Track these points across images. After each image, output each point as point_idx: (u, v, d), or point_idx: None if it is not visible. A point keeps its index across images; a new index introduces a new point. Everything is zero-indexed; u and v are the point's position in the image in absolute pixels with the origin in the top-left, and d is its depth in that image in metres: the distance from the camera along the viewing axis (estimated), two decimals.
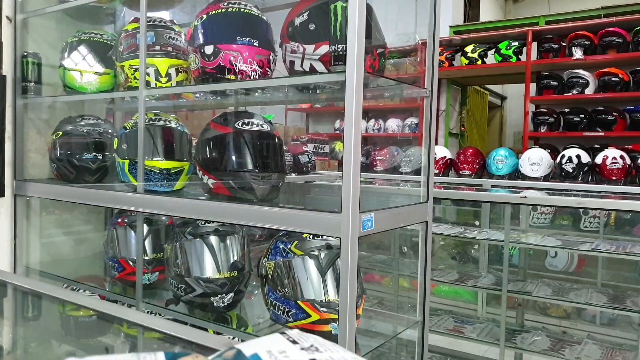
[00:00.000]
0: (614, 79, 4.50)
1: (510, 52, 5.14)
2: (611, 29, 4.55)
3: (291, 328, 1.39)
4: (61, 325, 1.39)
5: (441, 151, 4.28)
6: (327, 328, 1.48)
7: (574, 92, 4.66)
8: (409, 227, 1.67)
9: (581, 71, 4.64)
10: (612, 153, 3.77)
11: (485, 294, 3.74)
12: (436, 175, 4.07)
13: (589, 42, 4.64)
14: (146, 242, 2.03)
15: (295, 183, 3.33)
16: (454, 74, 6.01)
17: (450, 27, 6.31)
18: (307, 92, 1.76)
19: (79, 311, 1.27)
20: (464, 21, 7.20)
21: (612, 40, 4.53)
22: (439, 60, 3.27)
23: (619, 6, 5.29)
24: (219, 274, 1.74)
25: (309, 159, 4.01)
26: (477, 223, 3.93)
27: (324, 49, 1.47)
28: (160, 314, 1.83)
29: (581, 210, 3.80)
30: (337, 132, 6.54)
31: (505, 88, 8.51)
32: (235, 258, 1.78)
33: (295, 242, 1.58)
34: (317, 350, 0.48)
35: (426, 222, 1.70)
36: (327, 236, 1.45)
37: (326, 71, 1.48)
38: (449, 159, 4.25)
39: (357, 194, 1.29)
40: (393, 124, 6.20)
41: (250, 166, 1.64)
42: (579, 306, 3.33)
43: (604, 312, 3.42)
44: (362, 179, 1.31)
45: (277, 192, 1.69)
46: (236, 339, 1.60)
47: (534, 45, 5.09)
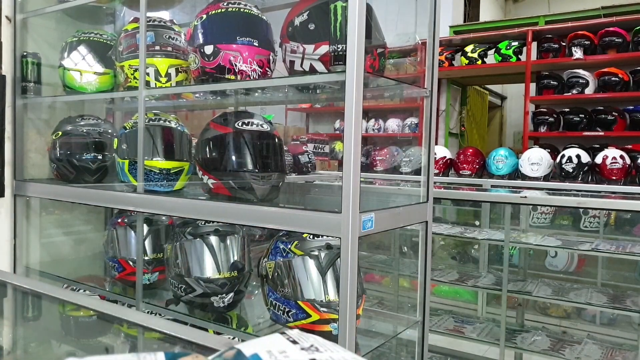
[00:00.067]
0: (613, 78, 4.50)
1: (510, 52, 5.14)
2: (611, 28, 4.55)
3: (291, 328, 1.39)
4: (61, 325, 1.39)
5: (441, 151, 4.28)
6: (327, 328, 1.48)
7: (574, 92, 4.66)
8: (409, 227, 1.67)
9: (581, 71, 4.64)
10: (612, 153, 3.77)
11: (485, 294, 3.74)
12: (436, 175, 4.07)
13: (589, 42, 4.64)
14: (146, 242, 2.03)
15: (295, 183, 3.33)
16: (454, 74, 6.01)
17: (450, 27, 6.31)
18: (307, 92, 1.76)
19: (79, 311, 1.27)
20: (464, 21, 7.20)
21: (612, 40, 4.53)
22: (439, 60, 3.27)
23: (619, 6, 5.29)
24: (219, 274, 1.74)
25: (309, 159, 4.01)
26: (477, 223, 3.93)
27: (324, 48, 1.47)
28: (160, 314, 1.83)
29: (581, 210, 3.80)
30: (337, 132, 6.54)
31: (505, 88, 8.52)
32: (235, 258, 1.78)
33: (295, 242, 1.58)
34: (317, 350, 0.48)
35: (426, 222, 1.70)
36: (327, 236, 1.45)
37: (326, 71, 1.48)
38: (449, 159, 4.25)
39: (357, 194, 1.29)
40: (393, 124, 6.20)
41: (250, 166, 1.64)
42: (579, 306, 3.33)
43: (604, 312, 3.42)
44: (362, 179, 1.31)
45: (277, 192, 1.69)
46: (236, 339, 1.60)
47: (534, 45, 5.09)
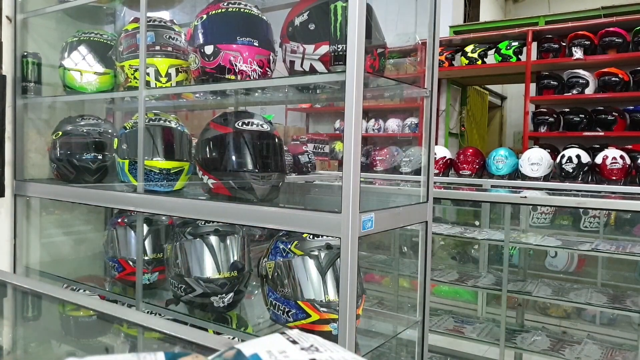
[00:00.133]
0: (614, 79, 4.50)
1: (510, 52, 5.14)
2: (611, 29, 4.54)
3: (291, 328, 1.40)
4: (61, 325, 1.39)
5: (441, 151, 4.28)
6: (327, 328, 1.48)
7: (574, 92, 4.66)
8: (409, 227, 1.67)
9: (581, 71, 4.64)
10: (612, 153, 3.77)
11: (485, 294, 3.74)
12: (436, 175, 4.07)
13: (589, 42, 4.64)
14: (146, 242, 2.03)
15: (295, 183, 3.33)
16: (454, 74, 6.01)
17: (450, 27, 6.31)
18: (307, 92, 1.76)
19: (79, 311, 1.27)
20: (464, 21, 7.20)
21: (612, 40, 4.53)
22: (439, 60, 3.27)
23: (619, 6, 5.29)
24: (219, 274, 1.74)
25: (309, 159, 4.01)
26: (477, 223, 3.93)
27: (324, 49, 1.47)
28: (160, 314, 1.83)
29: (581, 210, 3.80)
30: (337, 132, 6.54)
31: (505, 88, 8.51)
32: (235, 258, 1.78)
33: (295, 242, 1.58)
34: (317, 350, 0.48)
35: (426, 222, 1.70)
36: (327, 236, 1.45)
37: (326, 71, 1.48)
38: (449, 159, 4.25)
39: (357, 194, 1.29)
40: (393, 124, 6.20)
41: (250, 166, 1.64)
42: (579, 306, 3.33)
43: (604, 312, 3.42)
44: (362, 179, 1.31)
45: (277, 192, 1.69)
46: (236, 339, 1.60)
47: (534, 45, 5.09)
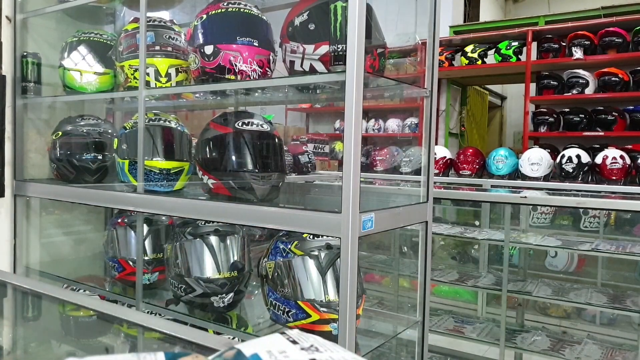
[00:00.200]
0: (613, 79, 4.50)
1: (510, 52, 5.14)
2: (611, 29, 4.55)
3: (291, 328, 1.39)
4: (61, 325, 1.39)
5: (441, 151, 4.28)
6: (327, 328, 1.48)
7: (574, 92, 4.66)
8: (409, 227, 1.67)
9: (581, 71, 4.64)
10: (612, 153, 3.77)
11: (485, 294, 3.74)
12: (436, 175, 4.07)
13: (589, 42, 4.64)
14: (146, 242, 2.03)
15: (295, 183, 3.33)
16: (454, 74, 6.01)
17: (450, 27, 6.31)
18: (307, 92, 1.76)
19: (79, 311, 1.27)
20: (464, 21, 7.20)
21: (612, 40, 4.53)
22: (439, 60, 3.27)
23: (619, 6, 5.29)
24: (219, 274, 1.74)
25: (309, 159, 4.01)
26: (477, 223, 3.93)
27: (324, 49, 1.47)
28: (160, 314, 1.83)
29: (581, 210, 3.80)
30: (337, 132, 6.54)
31: (505, 88, 8.52)
32: (235, 258, 1.78)
33: (295, 242, 1.58)
34: (317, 350, 0.48)
35: (426, 222, 1.70)
36: (327, 236, 1.45)
37: (326, 71, 1.48)
38: (449, 159, 4.25)
39: (357, 194, 1.29)
40: (393, 124, 6.20)
41: (250, 166, 1.64)
42: (579, 306, 3.33)
43: (604, 312, 3.42)
44: (362, 179, 1.31)
45: (277, 192, 1.69)
46: (236, 339, 1.60)
47: (534, 45, 5.09)
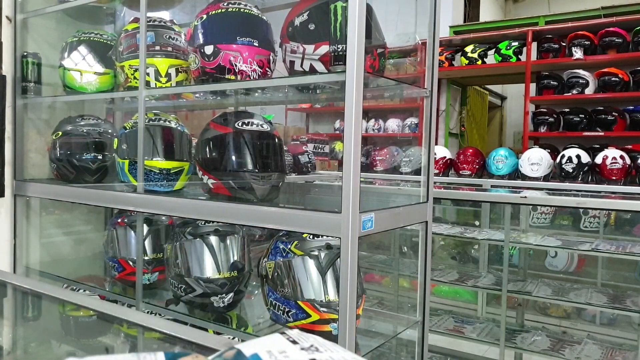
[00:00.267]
0: (613, 79, 4.50)
1: (510, 52, 5.14)
2: (611, 29, 4.54)
3: (291, 328, 1.39)
4: (61, 325, 1.39)
5: (441, 151, 4.28)
6: (327, 328, 1.48)
7: (574, 92, 4.66)
8: (409, 227, 1.67)
9: (581, 71, 4.64)
10: (612, 153, 3.77)
11: (485, 294, 3.74)
12: (436, 175, 4.07)
13: (589, 42, 4.64)
14: (146, 242, 2.03)
15: (295, 183, 3.33)
16: (454, 74, 6.01)
17: (450, 27, 6.31)
18: (307, 92, 1.76)
19: (79, 311, 1.27)
20: (464, 21, 7.20)
21: (612, 40, 4.53)
22: (439, 60, 3.27)
23: (619, 6, 5.29)
24: (219, 274, 1.74)
25: (309, 159, 4.01)
26: (477, 223, 3.93)
27: (324, 49, 1.47)
28: (160, 314, 1.83)
29: (581, 210, 3.80)
30: (337, 132, 6.54)
31: (505, 88, 8.51)
32: (235, 258, 1.78)
33: (295, 242, 1.58)
34: (317, 350, 0.48)
35: (426, 222, 1.70)
36: (327, 236, 1.45)
37: (326, 71, 1.48)
38: (449, 159, 4.25)
39: (357, 194, 1.29)
40: (393, 124, 6.20)
41: (250, 166, 1.64)
42: (579, 306, 3.33)
43: (604, 312, 3.42)
44: (362, 179, 1.31)
45: (277, 192, 1.69)
46: (236, 339, 1.60)
47: (534, 45, 5.09)
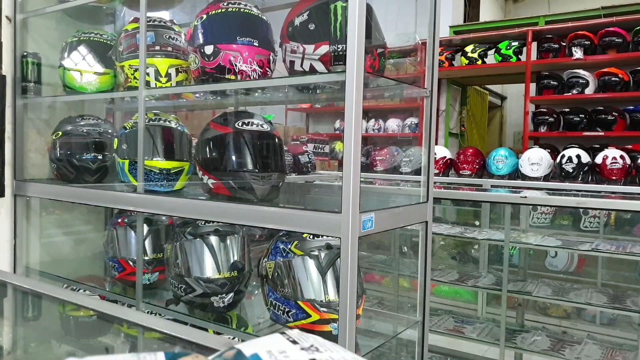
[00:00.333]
0: (614, 79, 4.50)
1: (510, 52, 5.14)
2: (611, 29, 4.54)
3: (291, 328, 1.40)
4: (61, 325, 1.39)
5: (441, 151, 4.28)
6: (327, 328, 1.48)
7: (574, 92, 4.66)
8: (409, 227, 1.67)
9: (581, 71, 4.64)
10: (612, 153, 3.77)
11: (485, 294, 3.74)
12: (436, 175, 4.07)
13: (589, 42, 4.64)
14: (146, 242, 2.03)
15: (295, 183, 3.33)
16: (454, 74, 6.01)
17: (450, 27, 6.31)
18: (307, 92, 1.76)
19: (79, 311, 1.27)
20: (464, 21, 7.20)
21: (612, 40, 4.53)
22: (439, 60, 3.27)
23: (619, 6, 5.29)
24: (219, 274, 1.74)
25: (309, 159, 4.01)
26: (477, 223, 3.93)
27: (324, 49, 1.47)
28: (160, 314, 1.83)
29: (581, 210, 3.80)
30: (337, 132, 6.53)
31: (505, 88, 8.51)
32: (235, 258, 1.78)
33: (295, 242, 1.58)
34: (317, 350, 0.48)
35: (426, 222, 1.70)
36: (327, 236, 1.45)
37: (326, 71, 1.48)
38: (449, 159, 4.25)
39: (357, 194, 1.29)
40: (393, 124, 6.20)
41: (250, 166, 1.64)
42: (579, 306, 3.33)
43: (604, 312, 3.42)
44: (362, 179, 1.31)
45: (277, 192, 1.69)
46: (236, 339, 1.60)
47: (534, 45, 5.09)
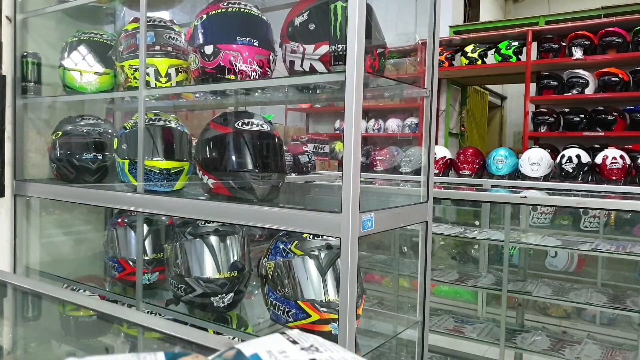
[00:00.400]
0: (613, 79, 4.50)
1: (510, 52, 5.14)
2: (611, 29, 4.54)
3: (291, 328, 1.39)
4: (61, 325, 1.39)
5: (441, 151, 4.28)
6: (327, 328, 1.48)
7: (574, 92, 4.66)
8: (409, 227, 1.67)
9: (581, 71, 4.64)
10: (612, 153, 3.77)
11: (485, 294, 3.74)
12: (436, 175, 4.07)
13: (589, 42, 4.64)
14: (146, 242, 2.03)
15: (295, 183, 3.33)
16: (454, 74, 6.01)
17: (450, 27, 6.31)
18: (307, 92, 1.76)
19: (79, 311, 1.27)
20: (464, 21, 7.20)
21: (612, 40, 4.53)
22: (439, 60, 3.27)
23: (619, 6, 5.29)
24: (219, 274, 1.74)
25: (309, 159, 4.01)
26: (477, 223, 3.93)
27: (324, 49, 1.47)
28: (160, 314, 1.83)
29: (581, 210, 3.80)
30: (337, 132, 6.53)
31: (505, 88, 8.51)
32: (235, 258, 1.78)
33: (295, 242, 1.58)
34: (317, 350, 0.48)
35: (426, 222, 1.70)
36: (327, 236, 1.45)
37: (326, 71, 1.48)
38: (449, 159, 4.25)
39: (357, 194, 1.29)
40: (393, 124, 6.20)
41: (250, 166, 1.64)
42: (579, 306, 3.33)
43: (604, 312, 3.42)
44: (362, 179, 1.31)
45: (277, 192, 1.69)
46: (236, 339, 1.60)
47: (534, 45, 5.09)
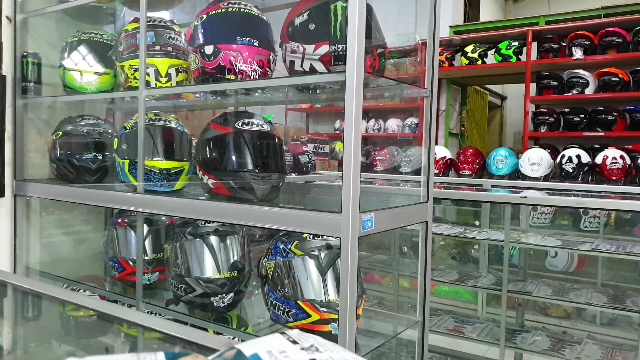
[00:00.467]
0: (614, 79, 4.50)
1: (510, 52, 5.14)
2: (611, 29, 4.54)
3: (291, 328, 1.40)
4: (61, 325, 1.39)
5: (441, 151, 4.28)
6: (327, 328, 1.48)
7: (574, 92, 4.66)
8: (409, 227, 1.67)
9: (581, 71, 4.64)
10: (612, 153, 3.77)
11: (485, 294, 3.74)
12: (436, 175, 4.07)
13: (589, 42, 4.64)
14: (146, 242, 2.03)
15: (295, 183, 3.33)
16: (454, 74, 6.01)
17: (450, 27, 6.31)
18: (307, 92, 1.76)
19: (79, 311, 1.27)
20: (464, 21, 7.20)
21: (612, 40, 4.53)
22: (439, 60, 3.27)
23: (619, 6, 5.29)
24: (219, 274, 1.74)
25: (309, 159, 4.01)
26: (477, 223, 3.93)
27: (324, 49, 1.47)
28: (160, 314, 1.83)
29: (581, 210, 3.80)
30: (337, 132, 6.54)
31: (505, 88, 8.51)
32: (235, 258, 1.78)
33: (295, 242, 1.58)
34: (317, 350, 0.48)
35: (426, 222, 1.70)
36: (327, 236, 1.45)
37: (326, 71, 1.48)
38: (449, 159, 4.25)
39: (357, 194, 1.29)
40: (393, 124, 6.20)
41: (250, 166, 1.64)
42: (579, 306, 3.33)
43: (604, 312, 3.42)
44: (362, 179, 1.31)
45: (277, 192, 1.69)
46: (236, 339, 1.60)
47: (534, 45, 5.09)
